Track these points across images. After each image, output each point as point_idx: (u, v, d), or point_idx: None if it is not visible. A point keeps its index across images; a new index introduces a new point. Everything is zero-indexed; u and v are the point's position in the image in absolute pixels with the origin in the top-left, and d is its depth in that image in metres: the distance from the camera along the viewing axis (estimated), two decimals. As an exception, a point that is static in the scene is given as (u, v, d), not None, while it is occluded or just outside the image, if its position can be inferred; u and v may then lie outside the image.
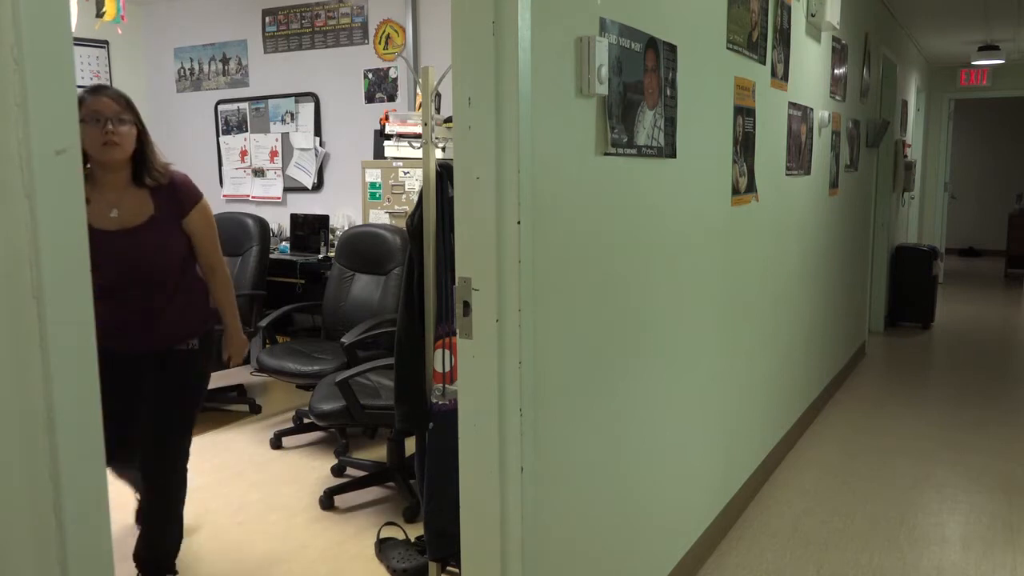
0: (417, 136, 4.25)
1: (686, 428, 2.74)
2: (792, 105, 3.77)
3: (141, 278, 2.51)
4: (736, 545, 3.09)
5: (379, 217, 4.69)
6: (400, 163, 4.56)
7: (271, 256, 5.09)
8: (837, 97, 4.75)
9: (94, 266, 1.35)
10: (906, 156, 7.89)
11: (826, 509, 3.42)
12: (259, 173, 5.85)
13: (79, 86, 1.28)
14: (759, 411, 3.58)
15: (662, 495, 2.58)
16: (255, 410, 4.69)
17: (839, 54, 4.71)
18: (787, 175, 3.79)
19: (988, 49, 7.86)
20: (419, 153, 4.27)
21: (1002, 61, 8.81)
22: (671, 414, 2.60)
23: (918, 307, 7.29)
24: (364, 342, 3.70)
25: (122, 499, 3.44)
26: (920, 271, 7.22)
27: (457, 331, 1.82)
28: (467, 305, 1.79)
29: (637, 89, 2.17)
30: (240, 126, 5.89)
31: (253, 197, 5.90)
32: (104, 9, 4.45)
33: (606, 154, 2.06)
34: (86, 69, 5.88)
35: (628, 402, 2.30)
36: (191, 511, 3.35)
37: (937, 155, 10.28)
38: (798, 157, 3.95)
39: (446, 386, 2.43)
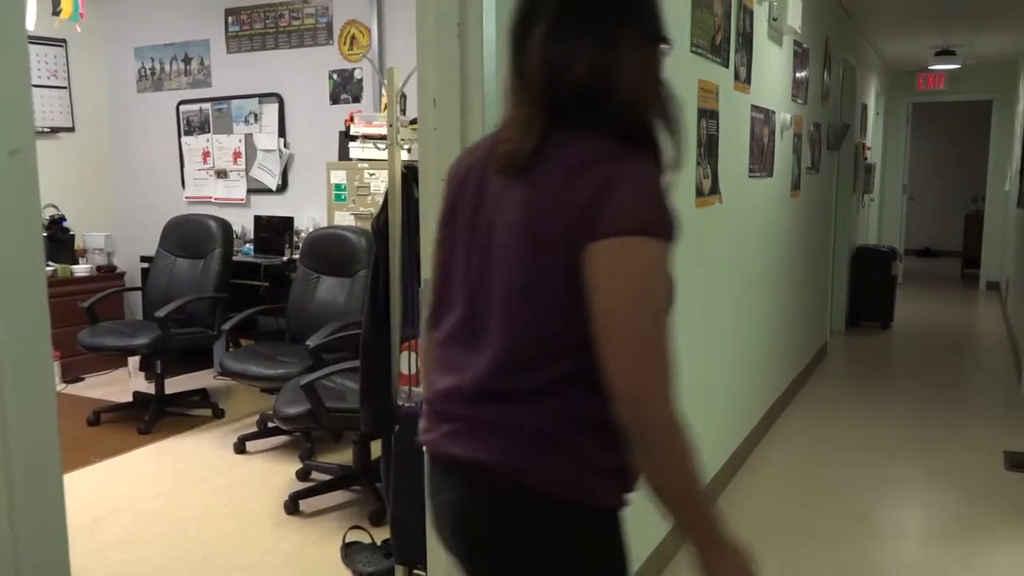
0: (382, 138, 4.23)
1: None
2: (755, 108, 3.82)
3: None
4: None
5: (344, 219, 4.66)
6: (365, 164, 4.54)
7: (234, 259, 5.03)
8: (799, 100, 4.81)
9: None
10: (866, 158, 8.03)
11: (790, 507, 3.47)
12: (222, 174, 5.78)
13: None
14: (722, 412, 3.61)
15: (628, 495, 2.59)
16: (218, 414, 4.63)
17: (800, 58, 4.78)
18: (750, 177, 3.83)
19: (945, 54, 8.03)
20: (384, 155, 4.25)
21: (958, 66, 9.00)
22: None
23: (878, 307, 7.42)
24: (329, 345, 3.67)
25: (84, 504, 3.38)
26: (880, 271, 7.35)
27: (422, 333, 1.81)
28: (433, 307, 1.78)
29: (602, 91, 2.18)
30: (202, 127, 5.81)
31: (216, 199, 5.82)
32: (60, 7, 4.37)
33: (571, 156, 2.06)
34: (43, 68, 5.76)
35: (594, 403, 2.30)
36: (151, 517, 3.30)
37: (896, 157, 10.48)
38: (761, 159, 4.00)
39: (412, 388, 2.42)
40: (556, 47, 1.08)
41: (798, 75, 4.75)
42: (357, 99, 5.19)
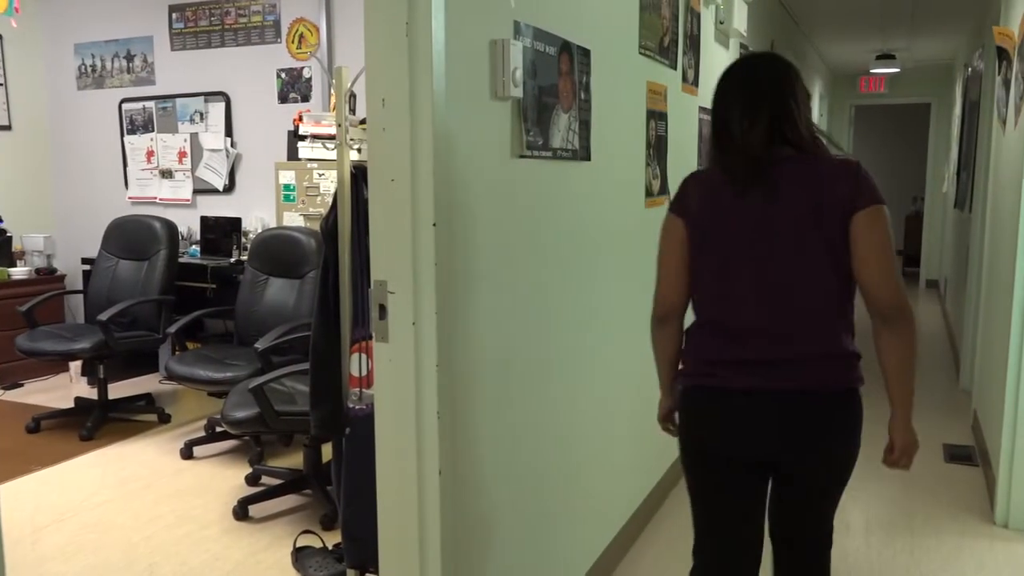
0: (332, 137, 4.19)
1: (601, 428, 2.77)
2: (703, 109, 3.87)
3: None
4: (653, 539, 3.15)
5: (293, 219, 4.61)
6: (315, 164, 4.49)
7: (180, 260, 4.93)
8: (745, 102, 4.89)
9: None
10: (810, 160, 8.18)
11: (738, 502, 3.52)
12: (167, 174, 5.66)
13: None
14: (674, 408, 3.65)
15: (581, 496, 2.61)
16: (164, 419, 4.53)
17: (746, 61, 4.85)
18: (698, 178, 3.88)
19: (885, 58, 8.25)
20: (334, 155, 4.22)
21: (897, 70, 9.26)
22: (587, 415, 2.63)
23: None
24: (279, 347, 3.62)
25: (24, 514, 3.29)
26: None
27: (373, 335, 1.80)
28: (383, 308, 1.77)
29: (552, 92, 2.19)
30: (146, 126, 5.69)
31: (161, 199, 5.70)
32: (-5, 1, 4.23)
33: (522, 156, 2.07)
34: (-23, 64, 5.58)
35: (546, 403, 2.31)
36: (94, 526, 3.22)
37: (839, 159, 10.70)
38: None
39: (363, 390, 2.40)
40: (768, 100, 1.79)
41: (744, 77, 4.83)
42: (306, 98, 5.13)
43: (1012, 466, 3.24)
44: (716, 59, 4.10)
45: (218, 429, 4.16)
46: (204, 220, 5.35)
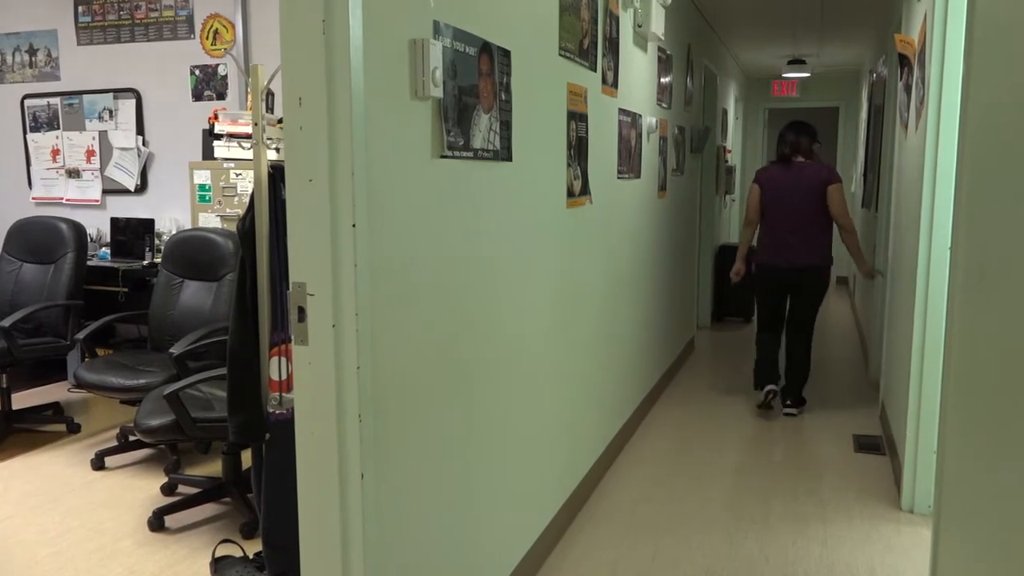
0: (248, 136, 4.09)
1: (528, 425, 2.79)
2: (622, 111, 3.93)
3: None
4: (578, 536, 3.18)
5: (209, 220, 4.48)
6: (231, 164, 4.38)
7: (89, 263, 4.75)
8: (663, 104, 4.99)
9: None
10: (727, 161, 8.42)
11: (661, 494, 3.59)
12: (74, 174, 5.44)
13: None
14: (597, 405, 3.70)
15: (506, 493, 2.61)
16: (73, 429, 4.35)
17: (664, 64, 4.95)
18: (619, 178, 3.94)
19: (796, 63, 8.53)
20: (251, 154, 4.12)
21: (808, 75, 9.59)
22: (513, 413, 2.64)
23: (740, 302, 7.80)
24: (195, 352, 3.51)
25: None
26: (741, 268, 7.71)
27: (292, 337, 1.77)
28: (302, 311, 1.74)
29: (472, 92, 2.19)
30: (51, 123, 5.45)
31: (68, 200, 5.47)
32: None
33: (443, 156, 2.06)
34: None
35: (470, 403, 2.31)
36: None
37: (754, 160, 11.04)
38: (628, 161, 4.12)
39: (283, 395, 2.35)
40: (796, 140, 4.76)
41: (662, 80, 4.93)
42: (222, 96, 5.00)
43: (916, 454, 3.39)
44: (635, 62, 4.17)
45: (131, 438, 4.01)
46: (115, 221, 5.15)
